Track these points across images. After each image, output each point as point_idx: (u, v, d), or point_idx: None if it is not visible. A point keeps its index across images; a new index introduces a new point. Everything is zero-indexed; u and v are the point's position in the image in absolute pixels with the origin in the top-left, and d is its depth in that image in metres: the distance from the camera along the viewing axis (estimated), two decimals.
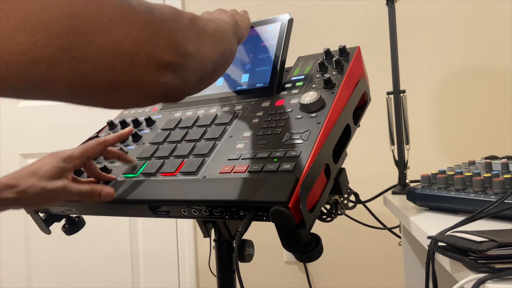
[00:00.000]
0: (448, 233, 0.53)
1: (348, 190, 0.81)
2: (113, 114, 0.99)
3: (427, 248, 0.54)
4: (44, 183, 0.65)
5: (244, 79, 0.84)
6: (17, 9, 0.32)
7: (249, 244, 0.78)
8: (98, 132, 0.93)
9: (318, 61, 0.79)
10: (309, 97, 0.70)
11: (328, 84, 0.73)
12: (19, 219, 1.65)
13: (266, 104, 0.77)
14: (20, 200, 0.65)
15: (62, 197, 0.67)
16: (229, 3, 0.97)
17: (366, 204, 1.05)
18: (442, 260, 0.54)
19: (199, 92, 0.51)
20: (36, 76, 0.34)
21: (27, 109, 1.69)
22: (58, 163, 0.67)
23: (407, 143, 1.03)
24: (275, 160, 0.62)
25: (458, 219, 0.56)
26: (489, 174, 0.67)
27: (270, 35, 0.85)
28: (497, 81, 1.36)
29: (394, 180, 1.05)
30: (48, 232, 0.84)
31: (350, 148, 0.72)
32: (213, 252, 0.88)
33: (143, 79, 0.39)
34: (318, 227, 0.69)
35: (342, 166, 0.70)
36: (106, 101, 0.40)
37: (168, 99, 0.44)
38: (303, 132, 0.65)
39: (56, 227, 0.86)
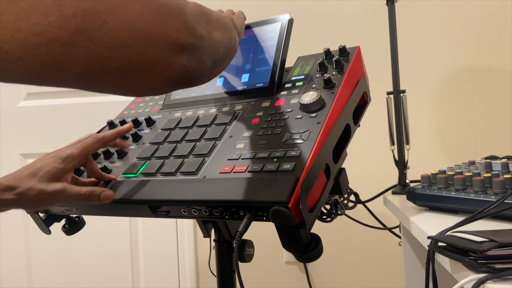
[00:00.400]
0: (448, 233, 0.53)
1: (348, 190, 0.81)
2: (113, 114, 0.99)
3: (427, 248, 0.54)
4: (43, 186, 0.64)
5: (244, 79, 0.84)
6: None
7: (249, 244, 0.78)
8: (98, 132, 0.93)
9: (318, 61, 0.79)
10: (309, 97, 0.70)
11: (328, 84, 0.73)
12: (19, 219, 1.65)
13: (266, 104, 0.77)
14: (19, 202, 0.65)
15: (61, 199, 0.66)
16: (229, 3, 0.97)
17: (366, 204, 1.05)
18: (442, 260, 0.54)
19: (212, 78, 0.51)
20: (52, 58, 0.34)
21: (27, 109, 1.69)
22: (57, 164, 0.67)
23: (407, 143, 1.03)
24: (275, 160, 0.62)
25: (458, 219, 0.56)
26: (489, 174, 0.67)
27: (270, 35, 0.86)
28: (497, 81, 1.36)
29: (394, 180, 1.05)
30: (48, 232, 0.84)
31: (350, 148, 0.72)
32: (213, 252, 0.88)
33: (159, 60, 0.39)
34: (318, 227, 0.69)
35: (342, 166, 0.70)
36: (122, 86, 0.40)
37: (184, 82, 0.44)
38: (303, 132, 0.65)
39: (56, 227, 0.86)
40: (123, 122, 0.91)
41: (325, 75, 0.75)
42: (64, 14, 0.33)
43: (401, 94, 1.03)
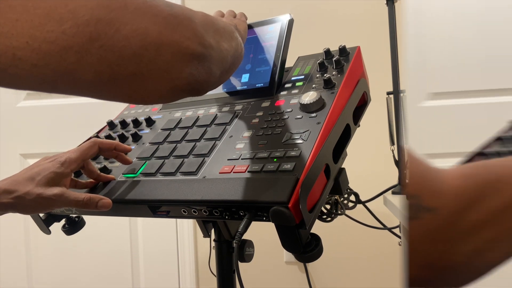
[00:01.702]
0: None
1: (348, 190, 0.81)
2: (113, 114, 0.99)
3: None
4: (41, 190, 0.64)
5: (244, 79, 0.84)
6: None
7: (249, 244, 0.78)
8: (98, 132, 0.93)
9: (318, 61, 0.79)
10: (309, 97, 0.70)
11: (328, 84, 0.73)
12: (19, 219, 1.65)
13: (266, 104, 0.77)
14: (17, 206, 0.64)
15: (59, 205, 0.66)
16: (229, 3, 0.97)
17: (366, 204, 1.05)
18: None
19: (219, 86, 0.52)
20: (65, 65, 0.34)
21: (27, 109, 1.69)
22: (55, 168, 0.67)
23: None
24: (275, 160, 0.62)
25: None
26: None
27: (271, 35, 0.85)
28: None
29: (394, 180, 1.05)
30: (48, 232, 0.84)
31: (350, 148, 0.72)
32: (213, 252, 0.88)
33: (169, 69, 0.39)
34: (318, 227, 0.69)
35: (342, 166, 0.70)
36: (131, 94, 0.41)
37: (192, 91, 0.44)
38: (303, 132, 0.65)
39: (56, 227, 0.86)
40: (123, 122, 0.91)
41: (325, 75, 0.74)
42: (78, 22, 0.34)
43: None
